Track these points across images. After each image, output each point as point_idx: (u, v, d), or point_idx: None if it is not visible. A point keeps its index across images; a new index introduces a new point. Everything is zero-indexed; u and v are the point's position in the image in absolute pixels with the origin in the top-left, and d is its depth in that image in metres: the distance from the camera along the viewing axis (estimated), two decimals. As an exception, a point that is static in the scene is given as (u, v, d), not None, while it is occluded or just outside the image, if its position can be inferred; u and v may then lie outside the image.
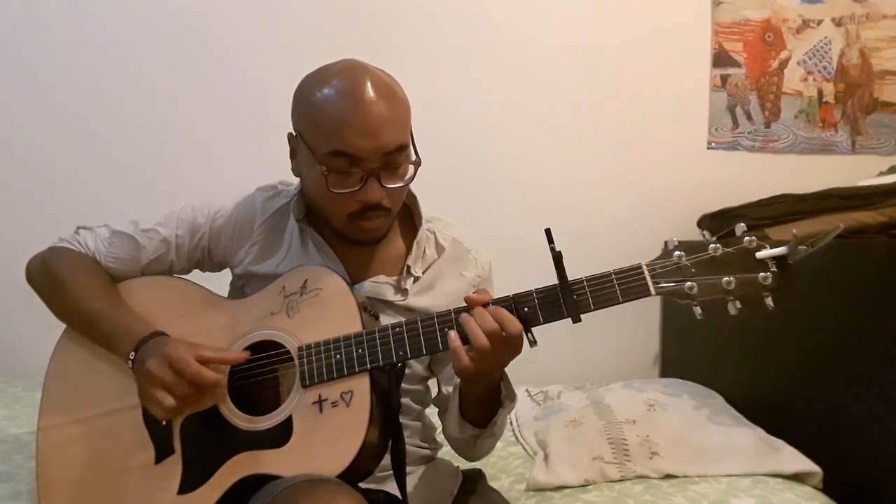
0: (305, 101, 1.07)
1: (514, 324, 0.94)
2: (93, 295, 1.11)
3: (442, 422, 1.22)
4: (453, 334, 0.96)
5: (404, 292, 1.16)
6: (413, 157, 1.08)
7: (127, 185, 2.16)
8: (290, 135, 1.13)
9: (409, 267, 1.16)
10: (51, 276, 1.15)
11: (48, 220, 1.26)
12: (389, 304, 1.15)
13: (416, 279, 1.17)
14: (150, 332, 1.06)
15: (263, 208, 1.19)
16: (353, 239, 1.12)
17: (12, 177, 2.20)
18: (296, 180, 1.21)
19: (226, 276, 1.24)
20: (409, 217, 1.21)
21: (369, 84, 1.03)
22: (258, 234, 1.18)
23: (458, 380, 1.07)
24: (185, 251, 1.19)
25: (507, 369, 1.04)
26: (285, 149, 1.15)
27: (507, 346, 0.95)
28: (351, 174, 1.04)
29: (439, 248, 1.21)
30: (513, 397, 1.11)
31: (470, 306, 0.97)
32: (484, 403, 1.09)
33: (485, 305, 0.96)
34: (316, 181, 1.06)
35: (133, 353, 1.04)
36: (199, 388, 1.01)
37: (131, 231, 1.18)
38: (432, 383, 1.26)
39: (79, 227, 1.22)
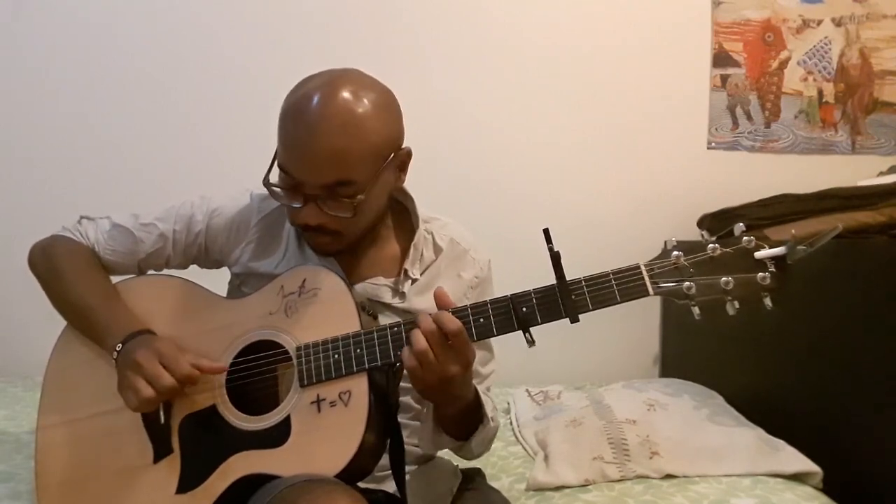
0: (282, 107, 1.06)
1: (452, 322, 0.94)
2: (87, 287, 1.13)
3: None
4: (406, 350, 0.96)
5: (402, 295, 1.15)
6: (361, 196, 1.02)
7: (128, 180, 2.17)
8: None
9: (406, 270, 1.16)
10: (49, 263, 1.17)
11: (49, 222, 1.26)
12: (387, 307, 1.15)
13: (414, 281, 1.17)
14: (139, 328, 1.06)
15: (260, 207, 1.20)
16: (313, 251, 1.13)
17: (13, 177, 2.20)
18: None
19: (224, 275, 1.24)
20: (405, 218, 1.20)
21: (331, 113, 0.99)
22: (254, 232, 1.19)
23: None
24: (182, 247, 1.20)
25: (509, 370, 1.04)
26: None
27: (450, 352, 0.94)
28: (296, 190, 1.04)
29: (437, 249, 1.20)
30: (486, 422, 1.11)
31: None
32: (458, 421, 1.09)
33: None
34: None
35: (120, 345, 1.04)
36: (183, 388, 1.01)
37: (130, 225, 1.20)
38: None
39: (82, 217, 1.23)
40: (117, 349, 1.04)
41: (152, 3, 2.20)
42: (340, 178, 1.01)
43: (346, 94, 1.00)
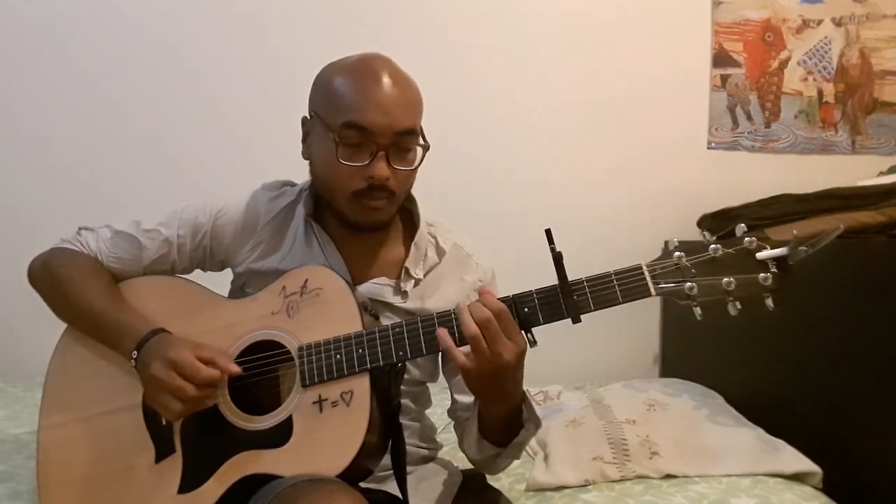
0: (326, 80, 1.10)
1: (495, 303, 0.93)
2: (94, 294, 1.11)
3: (459, 442, 1.20)
4: (441, 331, 0.95)
5: (404, 294, 1.16)
6: (422, 142, 1.10)
7: (129, 185, 2.16)
8: (304, 118, 1.15)
9: (407, 269, 1.16)
10: (52, 276, 1.15)
11: (50, 221, 1.26)
12: (389, 307, 1.15)
13: (417, 282, 1.17)
14: (150, 329, 1.06)
15: (268, 209, 1.19)
16: (356, 221, 1.11)
17: (14, 178, 2.20)
18: (300, 180, 1.22)
19: (227, 276, 1.24)
20: (410, 221, 1.21)
21: (387, 69, 1.08)
22: (262, 233, 1.18)
23: (479, 402, 1.07)
24: (187, 251, 1.19)
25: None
26: (288, 149, 1.15)
27: (501, 339, 0.93)
28: (362, 148, 1.05)
29: (440, 252, 1.20)
30: (537, 422, 1.09)
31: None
32: (503, 425, 1.07)
33: None
34: (326, 154, 1.07)
35: (136, 351, 1.04)
36: (206, 390, 1.01)
37: (133, 231, 1.18)
38: (432, 386, 1.27)
39: (80, 228, 1.21)
40: (133, 356, 1.04)
41: (156, 2, 2.20)
42: (413, 124, 1.08)
43: (390, 59, 1.11)
